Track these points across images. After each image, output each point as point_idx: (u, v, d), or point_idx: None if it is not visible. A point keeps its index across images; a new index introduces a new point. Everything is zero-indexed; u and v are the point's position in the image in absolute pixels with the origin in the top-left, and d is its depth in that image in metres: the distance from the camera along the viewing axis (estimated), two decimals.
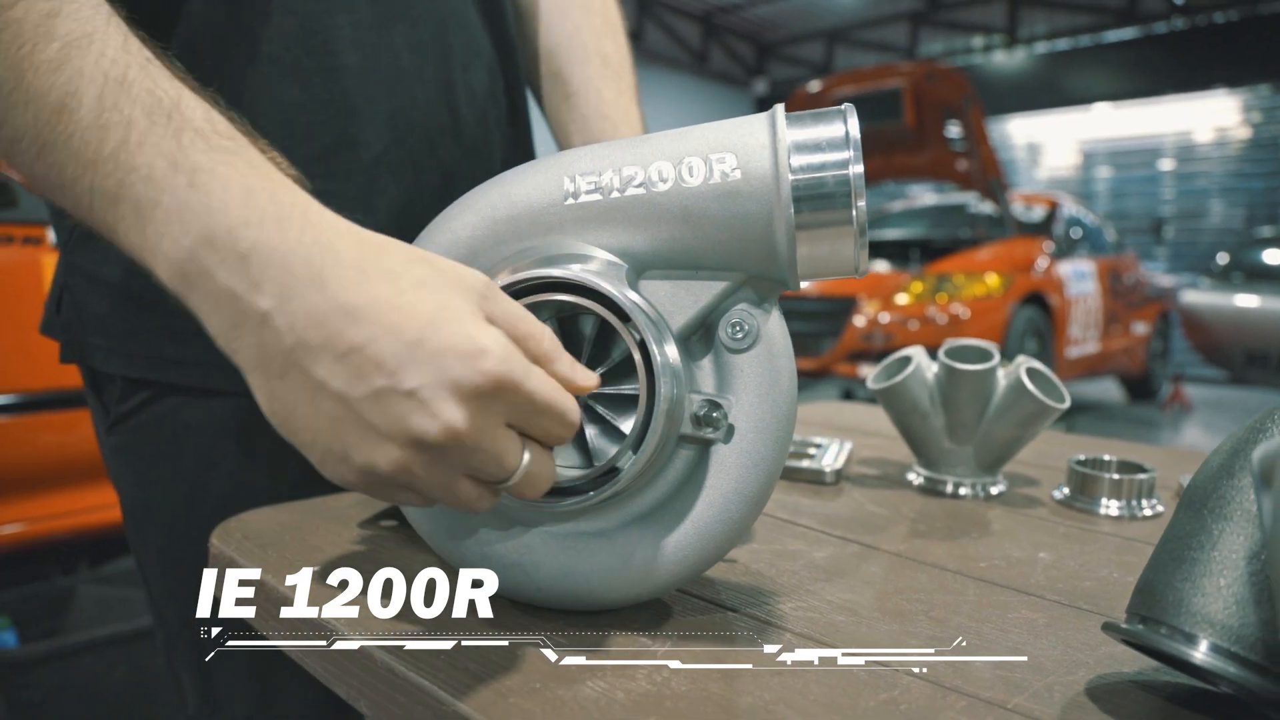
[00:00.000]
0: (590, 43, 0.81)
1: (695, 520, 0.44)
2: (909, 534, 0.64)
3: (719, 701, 0.38)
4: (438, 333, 0.35)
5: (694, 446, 0.45)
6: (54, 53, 0.39)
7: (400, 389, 0.35)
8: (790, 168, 0.41)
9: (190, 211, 0.37)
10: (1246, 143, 9.32)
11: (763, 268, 0.43)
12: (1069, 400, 0.71)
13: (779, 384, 0.44)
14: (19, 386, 1.86)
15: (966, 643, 0.45)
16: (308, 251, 0.36)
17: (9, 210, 1.85)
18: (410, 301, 0.35)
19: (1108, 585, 0.55)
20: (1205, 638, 0.36)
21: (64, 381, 1.90)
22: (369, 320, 0.35)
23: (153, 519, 0.71)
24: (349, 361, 0.35)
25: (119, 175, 0.38)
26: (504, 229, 0.44)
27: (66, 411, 1.89)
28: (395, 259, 0.37)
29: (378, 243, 0.38)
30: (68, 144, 0.39)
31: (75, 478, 1.94)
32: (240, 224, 0.36)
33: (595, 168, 0.43)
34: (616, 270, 0.43)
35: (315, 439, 0.37)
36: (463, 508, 0.38)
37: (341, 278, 0.35)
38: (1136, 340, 6.78)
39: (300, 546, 0.56)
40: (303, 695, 0.73)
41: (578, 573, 0.44)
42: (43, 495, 1.93)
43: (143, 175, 0.38)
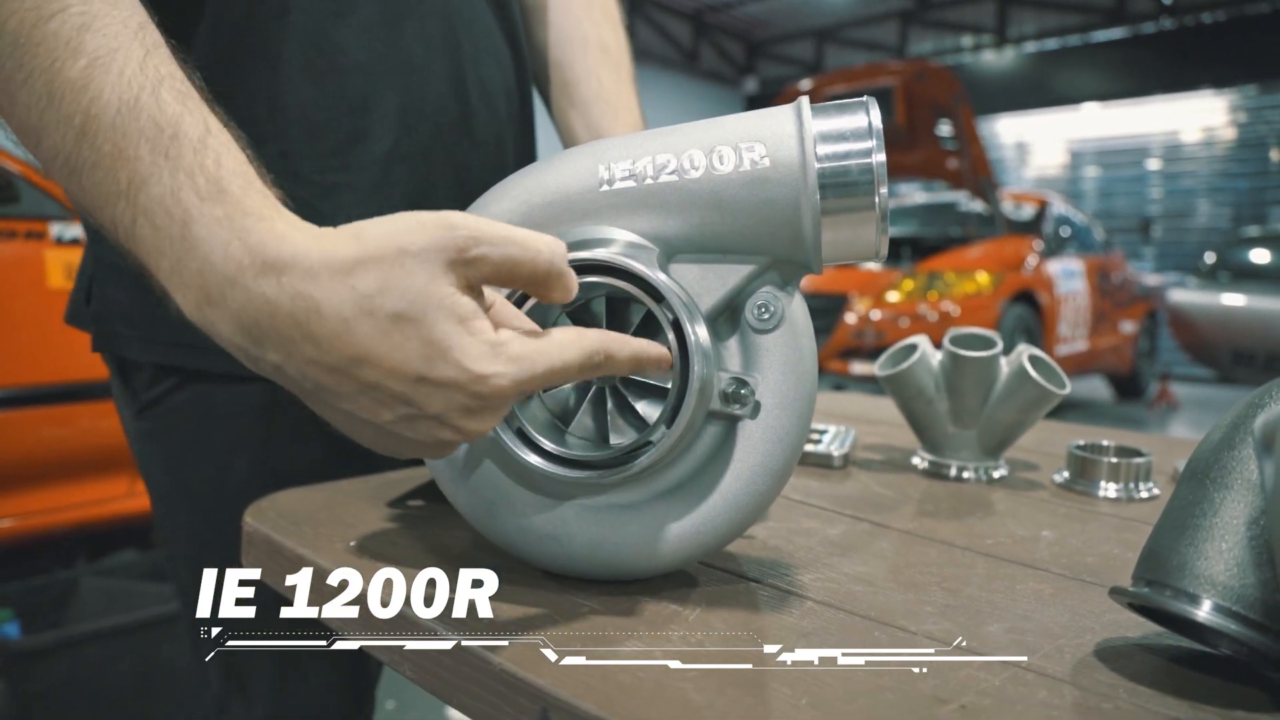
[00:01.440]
0: (591, 33, 0.84)
1: (723, 492, 0.46)
2: (917, 513, 0.67)
3: (753, 658, 0.40)
4: (435, 369, 0.37)
5: (721, 422, 0.47)
6: (79, 71, 0.40)
7: (425, 414, 0.38)
8: (816, 156, 0.43)
9: (186, 270, 0.38)
10: (1233, 143, 9.41)
11: (788, 252, 0.45)
12: (1069, 386, 0.74)
13: (802, 363, 0.47)
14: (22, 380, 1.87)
15: (980, 610, 0.47)
16: (291, 307, 0.37)
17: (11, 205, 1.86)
18: (397, 343, 0.37)
19: (1109, 560, 0.57)
20: (1208, 598, 0.39)
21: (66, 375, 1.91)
22: (371, 364, 0.37)
23: (182, 503, 0.72)
24: (371, 395, 0.38)
25: (132, 213, 0.39)
26: (540, 214, 0.46)
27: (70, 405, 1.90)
28: (369, 281, 0.37)
29: (348, 265, 0.37)
30: (91, 174, 0.40)
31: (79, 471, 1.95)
32: (227, 283, 0.38)
33: (630, 155, 0.45)
34: (649, 254, 0.45)
35: (362, 439, 0.42)
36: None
37: (329, 333, 0.37)
38: (1124, 339, 6.85)
39: (335, 524, 0.58)
40: (324, 685, 0.75)
41: (610, 543, 0.47)
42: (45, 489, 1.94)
43: (148, 220, 0.39)
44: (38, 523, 1.97)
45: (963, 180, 5.87)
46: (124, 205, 0.39)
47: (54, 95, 0.40)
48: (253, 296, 0.37)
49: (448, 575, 0.47)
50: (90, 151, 0.40)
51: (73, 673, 1.71)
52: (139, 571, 2.21)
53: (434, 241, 0.37)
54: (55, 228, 1.91)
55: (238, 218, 0.38)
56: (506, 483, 0.47)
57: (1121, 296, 6.76)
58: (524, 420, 0.45)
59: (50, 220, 1.90)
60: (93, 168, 0.40)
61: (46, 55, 0.40)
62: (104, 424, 1.97)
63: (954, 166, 5.84)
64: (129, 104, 0.40)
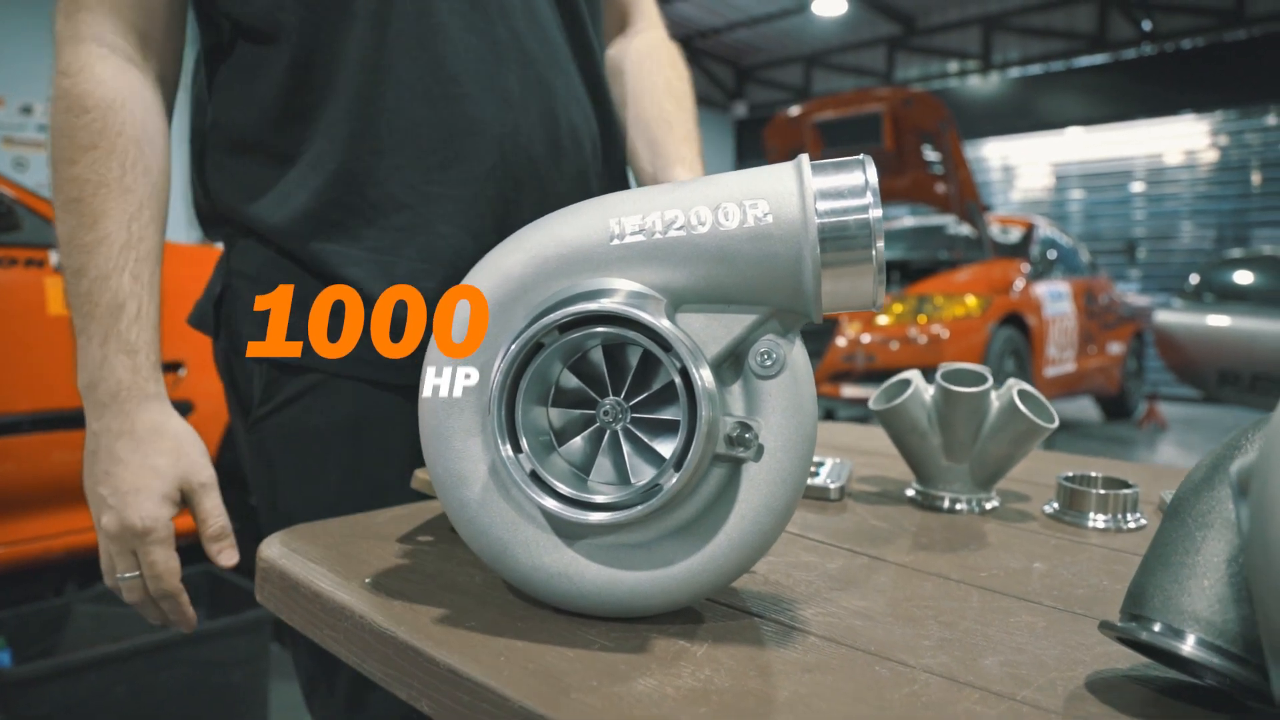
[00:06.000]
0: (659, 81, 0.99)
1: (729, 532, 0.48)
2: (912, 546, 0.69)
3: (759, 695, 0.42)
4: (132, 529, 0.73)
5: (726, 464, 0.49)
6: (90, 242, 0.74)
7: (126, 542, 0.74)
8: (817, 212, 0.45)
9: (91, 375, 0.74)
10: (1214, 165, 9.54)
11: (789, 302, 0.47)
12: (1058, 420, 0.76)
13: (803, 407, 0.49)
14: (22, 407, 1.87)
15: (975, 644, 0.49)
16: (110, 441, 0.73)
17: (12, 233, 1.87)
18: (134, 503, 0.73)
19: (1099, 592, 0.59)
20: (1192, 633, 0.41)
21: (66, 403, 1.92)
22: (122, 503, 0.73)
23: (277, 510, 0.84)
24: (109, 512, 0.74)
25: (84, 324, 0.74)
26: (553, 266, 0.48)
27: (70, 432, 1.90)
28: (145, 473, 0.74)
29: (142, 446, 0.74)
30: (76, 305, 0.74)
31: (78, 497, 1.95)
32: (94, 405, 0.74)
33: (639, 211, 0.47)
34: (657, 304, 0.47)
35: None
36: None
37: (119, 473, 0.73)
38: (1112, 360, 6.92)
39: (349, 560, 0.59)
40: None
41: (621, 581, 0.48)
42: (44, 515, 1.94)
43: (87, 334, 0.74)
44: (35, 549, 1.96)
45: (950, 204, 5.94)
46: (83, 316, 0.74)
47: (72, 249, 0.74)
48: (99, 419, 0.74)
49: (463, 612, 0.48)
50: (75, 290, 0.74)
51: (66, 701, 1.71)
52: None
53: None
54: (55, 256, 1.93)
55: (131, 371, 0.74)
56: (519, 523, 0.49)
57: (1108, 318, 6.83)
58: (540, 466, 0.47)
59: (51, 248, 1.91)
60: (76, 299, 0.74)
61: (77, 220, 0.74)
62: None
63: (942, 191, 5.92)
64: (102, 277, 0.73)
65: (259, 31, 0.79)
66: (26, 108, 6.70)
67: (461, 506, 0.50)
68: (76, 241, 0.73)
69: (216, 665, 1.94)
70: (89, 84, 0.74)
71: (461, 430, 0.50)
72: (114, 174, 0.74)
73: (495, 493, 0.49)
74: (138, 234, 0.75)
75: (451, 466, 0.50)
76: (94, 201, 0.73)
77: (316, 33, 0.78)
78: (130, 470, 0.72)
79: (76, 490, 1.03)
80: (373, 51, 0.78)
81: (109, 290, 0.73)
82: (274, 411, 0.84)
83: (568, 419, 0.50)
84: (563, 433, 0.50)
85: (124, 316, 0.73)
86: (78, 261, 0.73)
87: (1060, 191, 10.52)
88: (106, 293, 0.73)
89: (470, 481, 0.49)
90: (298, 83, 0.79)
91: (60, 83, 0.75)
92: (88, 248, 0.73)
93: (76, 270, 0.74)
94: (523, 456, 0.47)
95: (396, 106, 0.79)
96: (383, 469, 0.83)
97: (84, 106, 0.74)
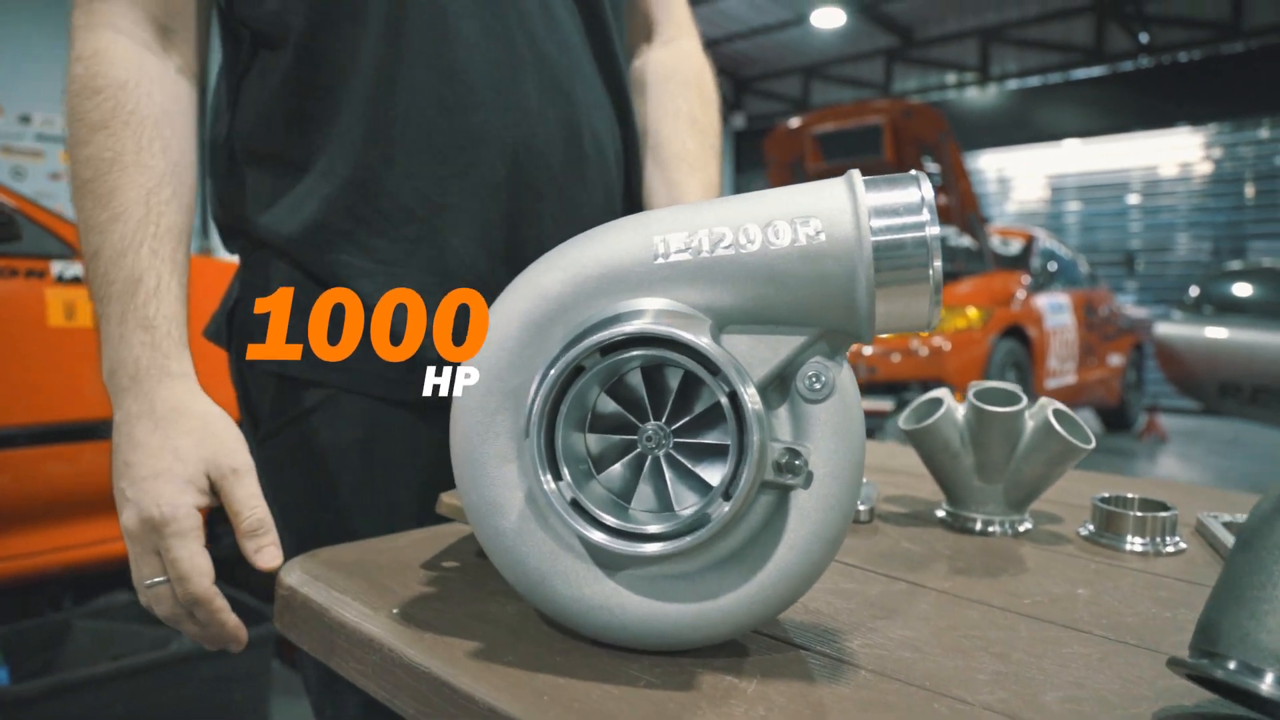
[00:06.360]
0: (683, 107, 0.94)
1: (778, 562, 0.46)
2: (949, 571, 0.67)
3: None
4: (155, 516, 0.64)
5: (773, 492, 0.47)
6: (105, 220, 0.69)
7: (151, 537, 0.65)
8: (871, 230, 0.44)
9: (112, 353, 0.68)
10: (1208, 178, 9.58)
11: (840, 323, 0.46)
12: (1094, 442, 0.74)
13: (852, 432, 0.47)
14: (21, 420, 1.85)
15: (1032, 677, 0.47)
16: (129, 427, 0.66)
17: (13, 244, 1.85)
18: (151, 490, 0.64)
19: (1148, 620, 0.57)
20: (1271, 670, 0.39)
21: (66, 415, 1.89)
22: (139, 493, 0.64)
23: (286, 526, 0.79)
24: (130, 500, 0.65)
25: (101, 310, 0.69)
26: (593, 286, 0.46)
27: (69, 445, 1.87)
28: (165, 455, 0.65)
29: (163, 427, 0.66)
30: (94, 290, 0.69)
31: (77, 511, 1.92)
32: (116, 392, 0.67)
33: (684, 228, 0.45)
34: (701, 325, 0.45)
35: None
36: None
37: (137, 459, 0.65)
38: (1112, 372, 6.91)
39: (374, 589, 0.57)
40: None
41: (664, 614, 0.46)
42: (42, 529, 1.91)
43: (106, 311, 0.68)
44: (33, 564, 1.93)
45: (951, 216, 5.94)
46: (101, 299, 0.69)
47: (89, 229, 0.70)
48: (120, 403, 0.67)
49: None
50: (93, 269, 0.69)
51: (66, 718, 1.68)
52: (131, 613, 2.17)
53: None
54: (56, 266, 1.90)
55: (149, 348, 0.67)
56: (558, 553, 0.47)
57: (1108, 330, 6.83)
58: (581, 495, 0.45)
59: (51, 259, 1.89)
60: (93, 278, 0.69)
61: (93, 201, 0.69)
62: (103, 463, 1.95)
63: (942, 202, 5.91)
64: (119, 254, 0.68)
65: (272, 37, 0.78)
66: (25, 117, 6.68)
67: (497, 535, 0.48)
68: (92, 223, 0.69)
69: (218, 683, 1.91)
70: (101, 65, 0.72)
71: (496, 456, 0.48)
72: (128, 151, 0.70)
73: (533, 521, 0.47)
74: (156, 209, 0.70)
75: (486, 494, 0.48)
76: (108, 178, 0.69)
77: (328, 37, 0.77)
78: (149, 454, 0.65)
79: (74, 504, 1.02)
80: (385, 57, 0.76)
81: (124, 266, 0.68)
82: (284, 427, 0.82)
83: (606, 445, 0.48)
84: (600, 459, 0.48)
85: (141, 291, 0.68)
86: (94, 243, 0.69)
87: (1056, 203, 10.55)
88: (122, 269, 0.68)
89: (506, 510, 0.47)
90: (309, 88, 0.78)
91: (73, 69, 0.72)
92: (102, 227, 0.68)
93: (93, 253, 0.69)
94: (563, 485, 0.45)
95: (408, 114, 0.77)
96: (394, 488, 0.81)
97: (95, 88, 0.71)
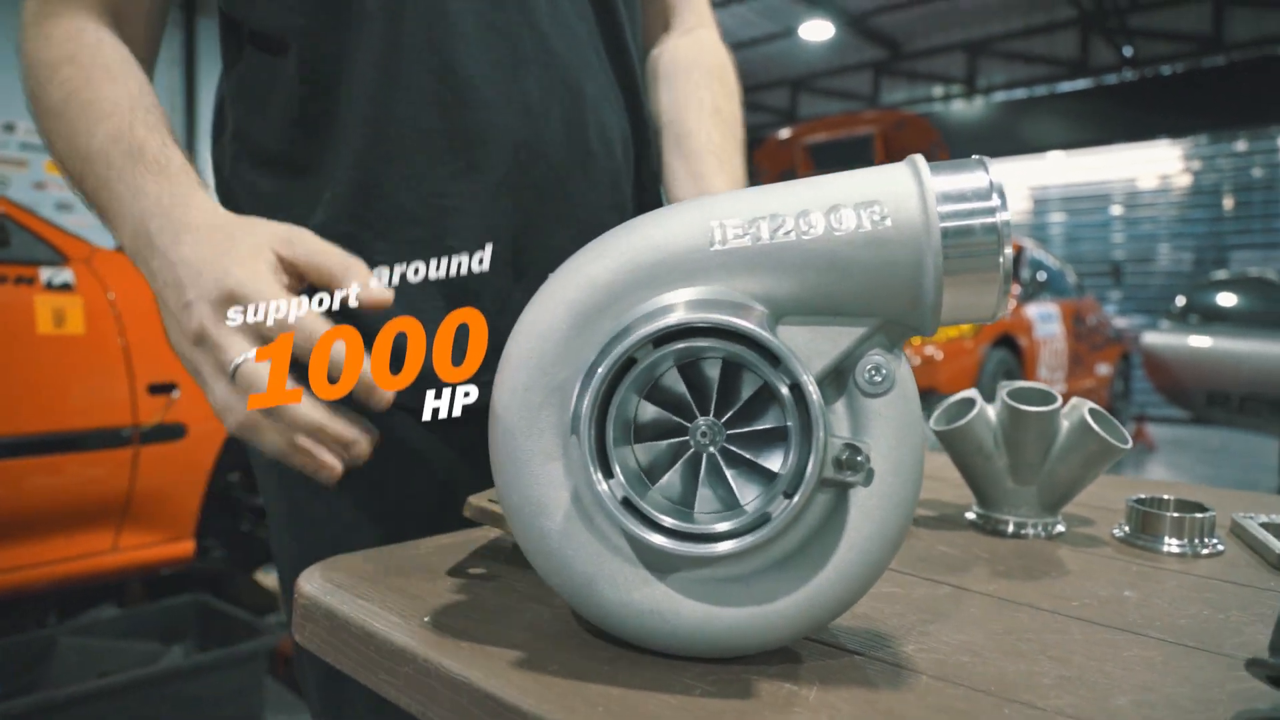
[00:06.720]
0: (706, 98, 0.91)
1: (837, 563, 0.44)
2: (990, 574, 0.65)
3: None
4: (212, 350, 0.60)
5: (831, 490, 0.45)
6: (92, 121, 0.67)
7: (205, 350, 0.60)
8: (939, 215, 0.42)
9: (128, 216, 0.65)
10: (1188, 189, 9.70)
11: (903, 313, 0.44)
12: (1130, 441, 0.73)
13: (913, 427, 0.45)
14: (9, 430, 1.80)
15: (1098, 682, 0.45)
16: (168, 270, 0.61)
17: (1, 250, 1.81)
18: (212, 269, 0.60)
19: (1203, 623, 0.56)
20: None
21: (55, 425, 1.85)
22: (195, 298, 0.60)
23: (289, 531, 0.79)
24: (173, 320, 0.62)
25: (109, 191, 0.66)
26: (645, 274, 0.44)
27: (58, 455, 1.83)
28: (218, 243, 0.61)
29: (205, 235, 0.62)
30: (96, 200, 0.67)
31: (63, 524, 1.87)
32: (144, 252, 0.63)
33: (742, 213, 0.44)
34: (760, 316, 0.43)
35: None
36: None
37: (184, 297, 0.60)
38: (1100, 381, 6.95)
39: (399, 596, 0.55)
40: None
41: (718, 619, 0.44)
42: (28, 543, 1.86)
43: (116, 195, 0.65)
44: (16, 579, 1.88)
45: None
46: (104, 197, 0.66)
47: (76, 131, 0.67)
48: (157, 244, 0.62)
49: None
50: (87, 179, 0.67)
51: None
52: (119, 629, 2.12)
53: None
54: (45, 273, 1.86)
55: (167, 185, 0.65)
56: (605, 555, 0.45)
57: (1096, 339, 6.87)
58: (633, 494, 0.43)
59: (40, 265, 1.85)
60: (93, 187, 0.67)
61: (68, 126, 0.68)
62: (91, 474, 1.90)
63: None
64: (115, 138, 0.66)
65: (271, 37, 0.76)
66: (9, 125, 6.61)
67: (542, 538, 0.45)
68: (76, 149, 0.66)
69: (209, 700, 1.87)
70: (51, 26, 0.71)
71: (541, 454, 0.45)
72: (98, 71, 0.68)
73: (579, 522, 0.45)
74: (143, 107, 0.68)
75: (530, 494, 0.45)
76: (84, 93, 0.67)
77: (325, 33, 0.74)
78: (200, 253, 0.61)
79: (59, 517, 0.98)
80: (384, 54, 0.74)
81: (121, 145, 0.65)
82: None
83: (655, 453, 0.46)
84: (651, 471, 0.46)
85: (148, 153, 0.65)
86: (79, 167, 0.66)
87: (1040, 214, 10.64)
88: (122, 145, 0.65)
89: (551, 510, 0.45)
90: (309, 88, 0.75)
91: (24, 46, 0.72)
92: (91, 129, 0.66)
93: (84, 156, 0.66)
94: (614, 483, 0.43)
95: (407, 113, 0.74)
96: (404, 493, 0.78)
97: (49, 39, 0.70)
